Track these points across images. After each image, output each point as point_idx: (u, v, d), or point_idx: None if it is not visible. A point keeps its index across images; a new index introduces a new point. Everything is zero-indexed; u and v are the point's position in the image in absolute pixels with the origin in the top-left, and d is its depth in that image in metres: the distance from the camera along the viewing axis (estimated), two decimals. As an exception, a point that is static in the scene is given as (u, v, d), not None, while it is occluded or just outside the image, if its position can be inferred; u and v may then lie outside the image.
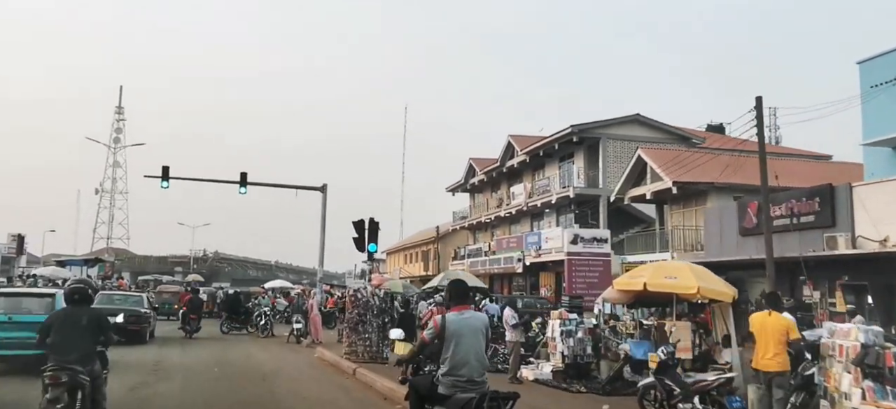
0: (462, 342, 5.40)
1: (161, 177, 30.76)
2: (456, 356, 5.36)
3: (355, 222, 16.05)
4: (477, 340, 5.51)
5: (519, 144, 36.96)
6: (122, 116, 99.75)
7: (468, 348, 5.41)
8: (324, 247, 32.16)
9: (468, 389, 5.31)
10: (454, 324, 5.47)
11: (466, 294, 6.00)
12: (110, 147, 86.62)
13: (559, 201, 33.25)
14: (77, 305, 7.19)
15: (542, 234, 34.20)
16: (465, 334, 5.43)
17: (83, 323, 6.91)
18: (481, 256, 40.96)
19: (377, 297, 15.75)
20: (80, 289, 7.80)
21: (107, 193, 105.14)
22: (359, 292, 15.91)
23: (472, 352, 5.43)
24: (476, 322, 5.63)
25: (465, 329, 5.46)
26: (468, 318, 5.62)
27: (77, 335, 6.78)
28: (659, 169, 24.87)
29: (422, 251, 52.77)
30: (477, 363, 5.43)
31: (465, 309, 5.72)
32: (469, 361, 5.38)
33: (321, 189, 32.53)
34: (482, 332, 5.61)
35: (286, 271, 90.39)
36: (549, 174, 35.70)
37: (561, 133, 31.98)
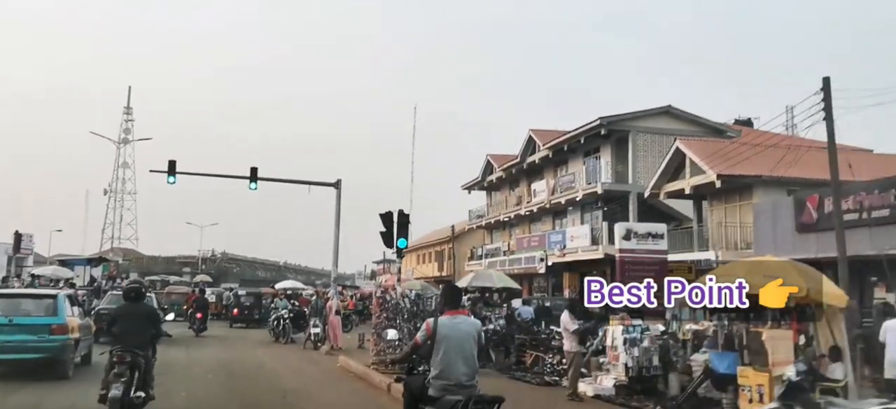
0: (452, 346, 5.47)
1: (167, 172, 28.98)
2: (446, 359, 5.44)
3: (383, 214, 14.15)
4: (467, 344, 5.56)
5: (541, 138, 34.98)
6: (131, 116, 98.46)
7: (457, 352, 5.48)
8: (338, 246, 30.14)
9: (457, 392, 5.35)
10: (445, 328, 5.54)
11: (459, 299, 6.14)
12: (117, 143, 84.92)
13: (585, 198, 31.26)
14: (133, 301, 8.69)
15: (566, 232, 32.32)
16: (455, 339, 5.50)
17: (140, 316, 8.39)
18: (500, 255, 39.10)
19: (408, 298, 13.82)
20: (136, 289, 9.23)
21: (115, 194, 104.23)
22: (387, 294, 13.97)
23: (461, 356, 5.48)
24: (467, 327, 5.70)
25: (455, 333, 5.53)
26: (459, 322, 5.69)
27: (136, 326, 8.17)
28: (701, 161, 22.88)
29: (435, 251, 50.83)
30: (466, 368, 5.49)
31: (457, 314, 5.82)
32: (458, 365, 5.45)
33: (335, 185, 30.53)
34: (473, 337, 5.66)
35: (295, 271, 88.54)
36: (572, 170, 33.71)
37: (588, 126, 30.01)
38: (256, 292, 29.42)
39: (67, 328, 11.79)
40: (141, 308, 8.66)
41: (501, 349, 17.14)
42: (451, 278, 45.59)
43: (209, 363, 15.06)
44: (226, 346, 19.36)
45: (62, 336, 11.56)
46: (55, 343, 11.43)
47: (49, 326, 11.42)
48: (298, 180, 30.84)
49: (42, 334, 11.30)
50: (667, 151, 29.99)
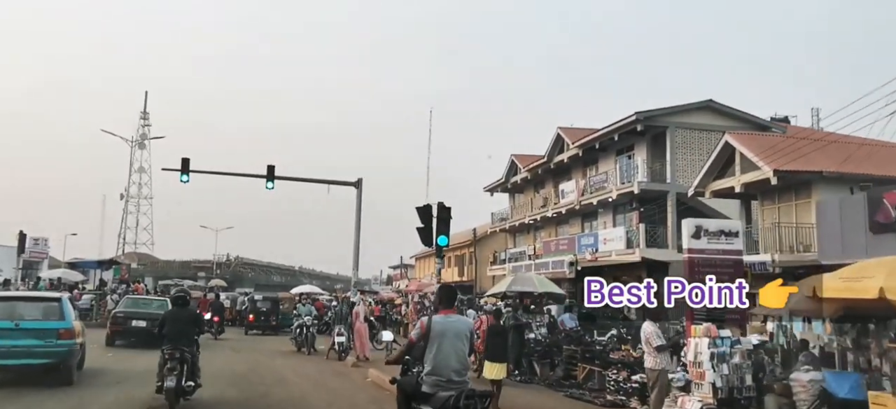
0: (445, 344, 5.66)
1: (180, 170, 27.42)
2: (439, 356, 5.63)
3: (421, 208, 12.32)
4: (460, 342, 5.76)
5: (570, 136, 33.05)
6: (148, 121, 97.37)
7: (450, 349, 5.66)
8: (358, 248, 28.45)
9: (449, 387, 5.52)
10: (439, 325, 5.74)
11: (453, 299, 6.37)
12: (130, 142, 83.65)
13: (619, 198, 29.27)
14: (180, 306, 10.20)
15: (598, 235, 30.30)
16: (448, 336, 5.68)
17: (187, 319, 9.91)
18: (525, 260, 37.12)
19: (450, 305, 11.92)
20: (182, 296, 10.79)
21: (131, 198, 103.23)
22: (426, 299, 12.11)
23: (453, 353, 5.68)
24: (460, 326, 5.91)
25: (448, 331, 5.71)
26: (453, 321, 5.90)
27: (183, 327, 9.68)
28: (755, 157, 20.84)
29: (455, 256, 48.88)
30: (458, 364, 5.70)
31: (450, 313, 6.03)
32: (450, 361, 5.64)
33: (356, 185, 28.87)
34: (465, 335, 5.88)
35: (310, 276, 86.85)
36: (603, 169, 31.74)
37: (623, 121, 28.04)
38: (273, 297, 27.60)
39: (74, 333, 11.48)
40: (187, 312, 10.19)
41: (546, 361, 15.25)
42: (472, 283, 43.74)
43: (223, 375, 13.26)
44: (241, 356, 17.56)
45: (70, 341, 11.21)
46: (63, 348, 11.06)
47: (57, 330, 11.05)
48: (317, 180, 29.21)
49: (49, 338, 10.93)
50: (707, 148, 28.05)
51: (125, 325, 18.29)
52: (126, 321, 18.36)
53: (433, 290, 34.25)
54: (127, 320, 18.40)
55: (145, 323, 17.84)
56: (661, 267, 27.44)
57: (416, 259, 60.54)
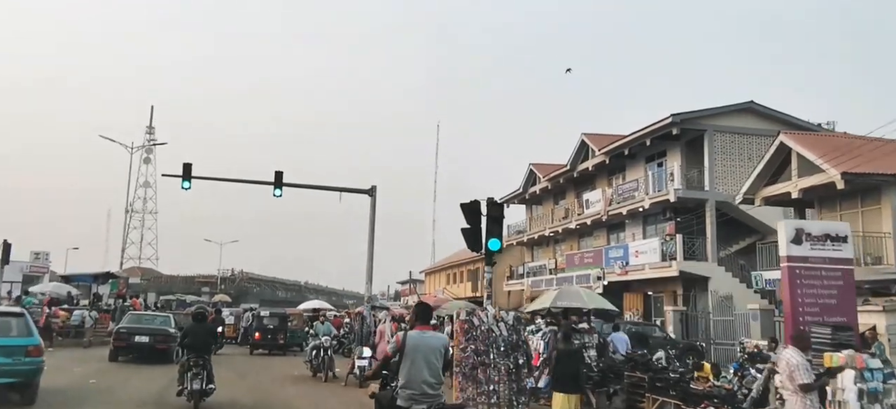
0: (419, 358, 5.62)
1: (182, 176, 25.13)
2: (413, 370, 5.60)
3: (466, 205, 9.92)
4: (434, 357, 5.72)
5: (595, 143, 30.75)
6: (153, 136, 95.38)
7: (424, 363, 5.63)
8: (372, 261, 26.13)
9: (422, 401, 5.56)
10: (414, 341, 5.70)
11: (429, 316, 6.33)
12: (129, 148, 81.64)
13: (652, 208, 26.91)
14: (200, 321, 11.74)
15: (628, 247, 27.90)
16: (423, 351, 5.66)
17: (205, 331, 11.48)
18: (545, 274, 34.71)
19: (504, 324, 9.52)
20: (202, 313, 13.10)
21: (137, 213, 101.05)
22: (474, 317, 9.69)
23: (426, 368, 5.64)
24: (434, 342, 5.82)
25: (423, 347, 5.68)
26: (428, 337, 5.83)
27: (203, 338, 11.15)
28: (818, 159, 18.47)
29: (468, 270, 46.39)
30: (432, 378, 5.65)
31: (426, 329, 5.96)
32: (424, 375, 5.61)
33: (369, 192, 26.59)
34: (440, 351, 5.81)
35: (316, 291, 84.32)
36: (632, 177, 29.42)
37: (657, 124, 25.75)
38: (281, 313, 25.07)
39: (42, 350, 10.80)
40: (205, 326, 11.62)
41: (603, 390, 12.77)
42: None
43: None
44: (247, 382, 15.11)
45: (38, 358, 10.49)
46: (31, 366, 10.33)
47: (25, 347, 10.27)
48: (329, 187, 26.91)
49: (17, 356, 10.13)
50: (748, 152, 25.79)
51: (128, 340, 18.04)
52: (129, 337, 18.09)
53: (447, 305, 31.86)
54: (130, 336, 18.12)
55: (148, 339, 17.90)
56: (700, 282, 25.13)
57: (426, 274, 58.03)
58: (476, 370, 9.18)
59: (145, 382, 13.83)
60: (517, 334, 9.65)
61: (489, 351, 9.25)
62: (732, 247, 25.76)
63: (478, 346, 9.28)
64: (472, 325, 9.44)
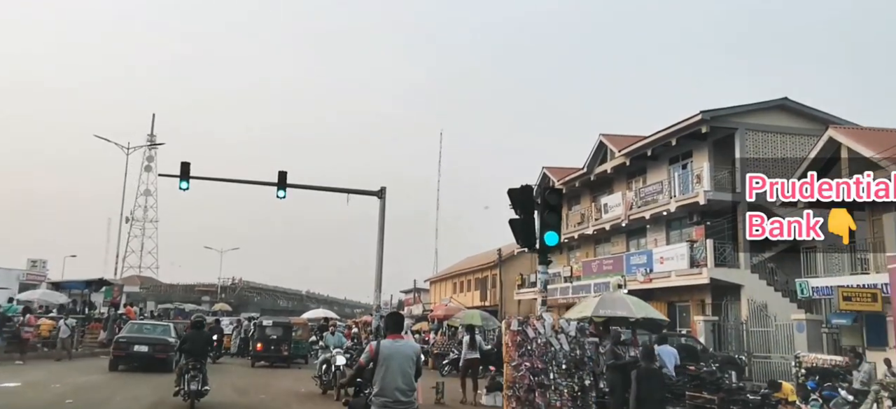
0: (392, 366, 5.67)
1: (180, 176, 23.34)
2: (386, 378, 5.65)
3: (516, 190, 8.03)
4: (407, 365, 5.77)
5: (615, 144, 28.96)
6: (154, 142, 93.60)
7: (397, 371, 5.67)
8: (382, 265, 24.35)
9: (395, 407, 5.62)
10: (387, 349, 5.77)
11: (401, 325, 6.36)
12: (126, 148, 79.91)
13: (677, 212, 25.07)
14: (198, 329, 12.58)
15: (652, 253, 26.01)
16: (396, 360, 5.71)
17: (202, 338, 12.34)
18: (560, 282, 32.77)
19: (565, 336, 7.64)
20: (200, 321, 13.52)
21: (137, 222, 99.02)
22: (528, 328, 7.81)
23: (400, 375, 5.68)
24: (407, 350, 5.92)
25: (396, 355, 5.75)
26: (401, 346, 5.89)
27: (200, 344, 11.98)
28: (877, 156, 16.67)
29: (476, 279, 44.49)
30: (404, 385, 5.71)
31: (398, 338, 6.02)
32: (397, 383, 5.65)
33: (378, 194, 24.82)
34: (412, 359, 5.85)
35: (317, 300, 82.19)
36: (654, 180, 27.59)
37: (686, 122, 23.96)
38: (285, 323, 23.04)
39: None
40: (202, 333, 12.73)
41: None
42: (495, 307, 39.30)
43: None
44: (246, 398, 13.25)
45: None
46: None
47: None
48: (336, 188, 25.04)
49: None
50: (782, 152, 23.99)
51: (127, 350, 17.82)
52: (128, 346, 17.89)
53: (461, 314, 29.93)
54: (129, 345, 17.91)
55: (147, 348, 17.72)
56: (732, 290, 23.26)
57: (431, 283, 56.00)
58: (533, 394, 7.33)
59: (130, 402, 11.95)
60: (581, 348, 7.78)
61: (548, 369, 7.35)
62: (765, 253, 23.86)
63: (534, 363, 7.43)
64: (526, 337, 7.58)
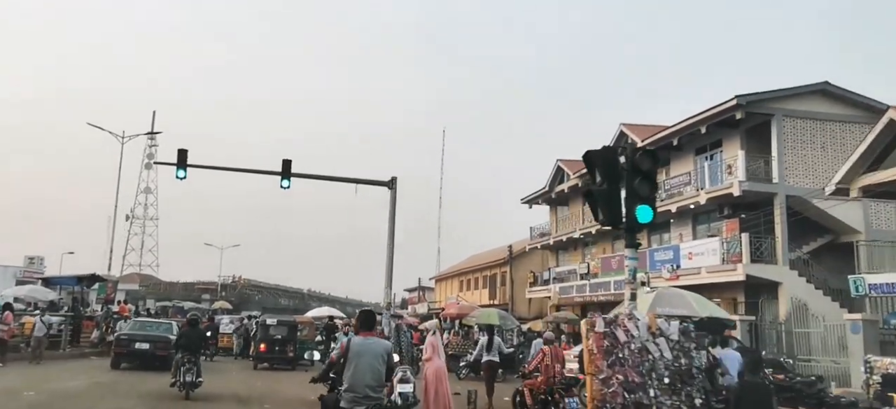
0: (362, 362, 5.75)
1: (176, 165, 21.43)
2: (356, 374, 5.72)
3: (594, 154, 6.03)
4: (376, 362, 5.82)
5: (637, 134, 27.07)
6: (155, 141, 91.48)
7: (366, 367, 5.75)
8: (392, 260, 22.38)
9: (363, 402, 5.68)
10: (357, 346, 5.85)
11: (372, 323, 6.42)
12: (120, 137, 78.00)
13: (708, 204, 23.22)
14: (193, 326, 13.89)
15: (679, 248, 24.15)
16: (366, 356, 5.80)
17: (197, 335, 13.53)
18: (576, 279, 30.93)
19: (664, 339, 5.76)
20: (195, 319, 14.82)
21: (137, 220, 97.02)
22: (618, 329, 5.92)
23: (369, 372, 5.75)
24: (377, 347, 5.95)
25: (366, 352, 5.83)
26: (371, 343, 5.97)
27: (195, 340, 13.13)
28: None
29: (486, 276, 42.60)
30: (373, 381, 5.76)
31: (369, 335, 6.12)
32: (367, 378, 5.72)
33: (389, 185, 22.89)
34: (382, 355, 5.91)
35: (319, 299, 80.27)
36: (677, 172, 25.76)
37: (718, 108, 22.07)
38: (289, 322, 21.07)
39: None
40: (197, 330, 13.90)
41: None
42: (506, 306, 37.42)
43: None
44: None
45: None
46: None
47: None
48: (345, 178, 23.08)
49: None
50: (821, 140, 22.17)
51: (129, 347, 17.65)
52: (130, 344, 17.73)
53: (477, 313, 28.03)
54: (130, 343, 17.75)
55: (148, 346, 17.51)
56: (768, 288, 21.41)
57: (437, 281, 54.07)
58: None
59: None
60: (686, 355, 5.90)
61: (647, 384, 5.48)
62: (803, 248, 22.01)
63: (628, 376, 5.56)
64: (616, 341, 5.69)
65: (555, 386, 10.13)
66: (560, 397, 9.86)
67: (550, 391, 10.06)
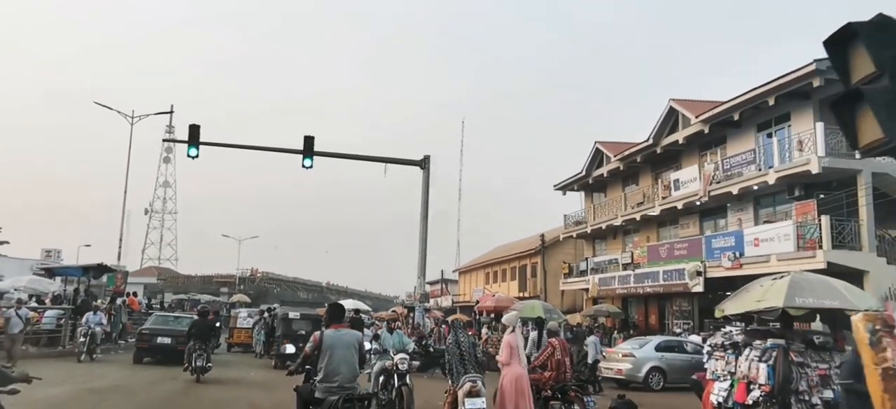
0: (335, 354, 5.93)
1: (188, 141, 19.23)
2: (330, 365, 5.90)
3: (859, 27, 3.72)
4: (349, 353, 6.01)
5: (690, 109, 24.36)
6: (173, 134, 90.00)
7: (340, 359, 5.93)
8: (426, 244, 20.09)
9: (337, 392, 5.79)
10: (330, 338, 6.02)
11: (342, 316, 6.61)
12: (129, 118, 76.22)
13: (776, 185, 20.49)
14: (203, 317, 15.50)
15: (742, 234, 21.42)
16: (338, 348, 5.97)
17: (207, 325, 15.03)
18: (617, 270, 28.29)
19: None
20: (205, 310, 16.40)
21: (156, 214, 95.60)
22: None
23: (343, 363, 5.93)
24: (349, 338, 6.15)
25: (339, 343, 6.00)
26: (343, 334, 6.15)
27: (205, 330, 14.78)
28: None
29: (514, 268, 40.01)
30: (347, 372, 5.94)
31: (341, 327, 6.28)
32: (340, 370, 5.90)
33: (421, 164, 20.62)
34: (355, 347, 6.11)
35: (337, 292, 78.24)
36: (734, 151, 23.02)
37: (793, 74, 19.30)
38: (313, 315, 18.54)
39: None
40: (206, 321, 15.27)
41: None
42: (537, 298, 34.82)
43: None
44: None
45: None
46: None
47: None
48: (374, 157, 20.66)
49: None
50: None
51: (151, 342, 17.72)
52: (152, 338, 17.77)
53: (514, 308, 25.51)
54: (152, 337, 17.78)
55: (170, 340, 17.32)
56: (852, 276, 18.61)
57: (460, 273, 51.56)
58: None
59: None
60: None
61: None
62: (890, 232, 19.23)
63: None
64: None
65: (567, 384, 8.92)
66: (576, 395, 8.78)
67: (563, 389, 8.81)
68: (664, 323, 26.75)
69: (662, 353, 18.43)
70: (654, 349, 18.48)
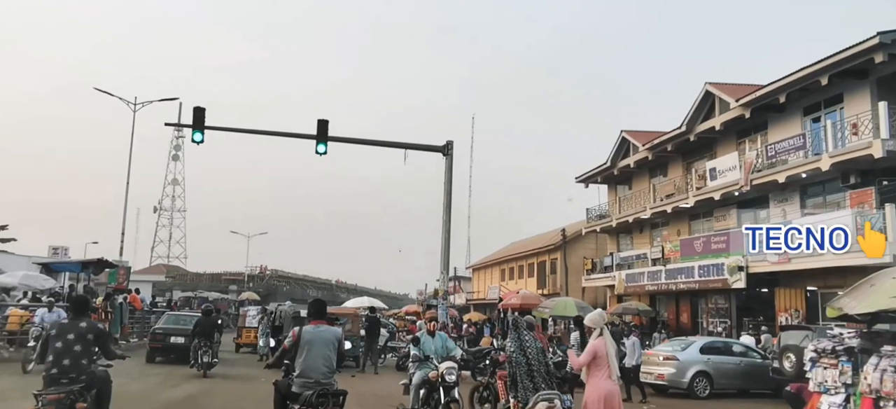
0: (313, 350, 5.95)
1: (192, 126, 17.63)
2: (307, 361, 5.93)
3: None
4: (327, 348, 6.03)
5: (728, 93, 22.54)
6: (181, 132, 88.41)
7: (317, 354, 5.95)
8: (449, 236, 18.37)
9: (313, 387, 5.81)
10: (308, 334, 6.04)
11: (323, 312, 6.58)
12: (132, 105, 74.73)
13: (830, 172, 18.65)
14: (207, 315, 15.92)
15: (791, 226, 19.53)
16: (317, 344, 5.99)
17: (211, 323, 15.41)
18: (646, 265, 26.50)
19: None
20: (210, 309, 16.82)
21: (165, 212, 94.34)
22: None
23: (320, 358, 5.96)
24: (328, 335, 6.16)
25: (317, 340, 6.02)
26: (322, 331, 6.16)
27: (210, 328, 15.21)
28: None
29: (532, 264, 38.21)
30: (325, 368, 5.96)
31: (320, 323, 6.27)
32: (318, 365, 5.92)
33: (443, 151, 18.94)
34: (333, 343, 6.11)
35: (347, 290, 76.56)
36: (777, 137, 21.19)
37: (853, 50, 17.45)
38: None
39: None
40: (210, 319, 15.75)
41: None
42: (557, 295, 33.04)
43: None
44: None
45: None
46: None
47: None
48: (395, 143, 18.96)
49: None
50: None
51: (164, 341, 17.57)
52: (165, 338, 17.61)
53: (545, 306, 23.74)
54: (166, 337, 17.61)
55: (183, 340, 16.76)
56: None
57: (474, 270, 49.78)
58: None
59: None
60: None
61: None
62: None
63: None
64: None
65: None
66: None
67: None
68: (696, 322, 24.95)
69: (708, 355, 16.65)
70: (700, 352, 16.69)
